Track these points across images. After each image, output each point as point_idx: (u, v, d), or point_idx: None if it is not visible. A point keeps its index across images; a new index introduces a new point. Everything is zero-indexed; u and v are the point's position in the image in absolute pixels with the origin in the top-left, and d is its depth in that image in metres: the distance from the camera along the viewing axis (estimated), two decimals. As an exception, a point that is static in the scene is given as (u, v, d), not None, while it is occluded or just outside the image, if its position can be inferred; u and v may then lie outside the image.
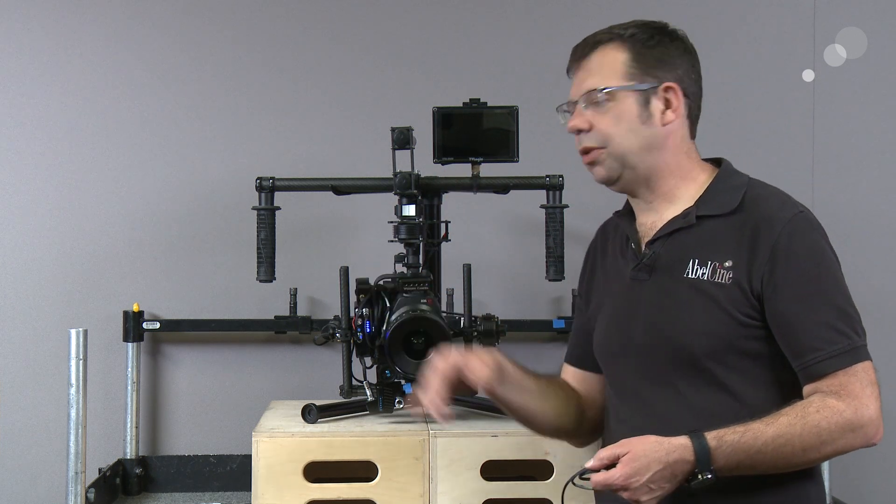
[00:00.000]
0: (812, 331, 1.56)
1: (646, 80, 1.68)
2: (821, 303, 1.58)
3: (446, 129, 2.35)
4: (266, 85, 2.81)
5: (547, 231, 2.42)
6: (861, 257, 2.85)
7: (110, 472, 2.53)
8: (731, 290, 1.59)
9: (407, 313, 2.12)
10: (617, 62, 1.68)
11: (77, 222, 2.75)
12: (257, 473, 2.08)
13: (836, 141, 2.89)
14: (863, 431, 1.53)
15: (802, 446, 1.51)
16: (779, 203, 1.64)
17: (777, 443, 1.51)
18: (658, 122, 1.68)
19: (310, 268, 2.77)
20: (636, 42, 1.70)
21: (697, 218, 1.66)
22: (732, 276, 1.60)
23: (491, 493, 2.11)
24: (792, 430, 1.51)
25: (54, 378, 2.68)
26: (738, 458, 1.51)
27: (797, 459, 1.53)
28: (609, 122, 1.67)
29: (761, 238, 1.59)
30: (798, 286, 1.57)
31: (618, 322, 1.72)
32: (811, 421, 1.51)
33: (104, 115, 2.77)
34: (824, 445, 1.52)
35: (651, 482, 1.50)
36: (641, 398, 1.68)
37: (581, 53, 1.72)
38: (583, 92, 1.69)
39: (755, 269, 1.58)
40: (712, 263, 1.62)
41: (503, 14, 2.86)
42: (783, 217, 1.60)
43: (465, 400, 2.29)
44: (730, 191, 1.68)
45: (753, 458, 1.51)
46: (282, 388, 2.75)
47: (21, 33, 2.76)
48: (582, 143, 1.71)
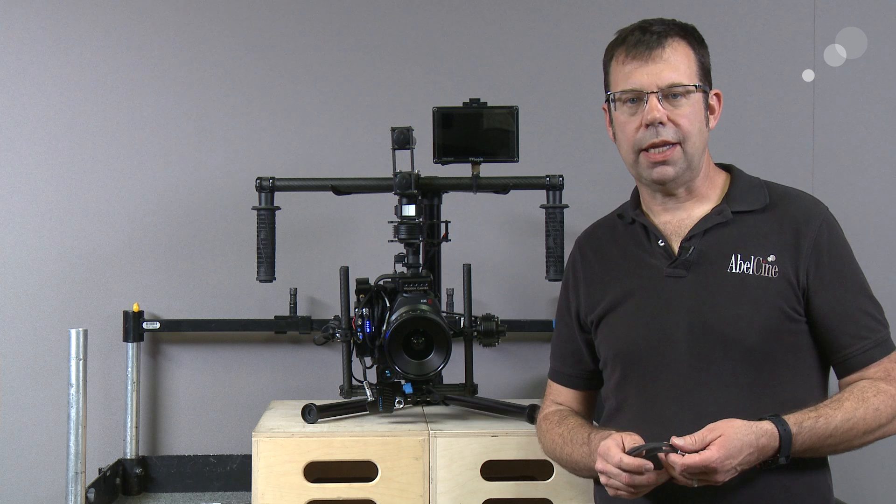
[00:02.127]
0: (858, 321, 1.62)
1: (706, 83, 1.69)
2: (860, 293, 1.65)
3: (446, 129, 2.35)
4: (266, 85, 2.81)
5: (547, 231, 2.42)
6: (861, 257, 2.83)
7: (110, 472, 2.53)
8: (779, 284, 1.62)
9: (407, 313, 2.12)
10: (691, 59, 1.68)
11: (77, 222, 2.75)
12: (257, 473, 2.08)
13: (836, 141, 2.89)
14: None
15: (865, 428, 1.56)
16: (809, 199, 1.72)
17: (845, 426, 1.55)
18: (709, 126, 1.73)
19: (310, 268, 2.77)
20: (694, 41, 1.70)
21: (733, 214, 1.68)
22: (778, 271, 1.62)
23: (491, 493, 2.11)
24: (856, 414, 1.55)
25: (54, 378, 2.68)
26: (811, 443, 1.55)
27: (858, 442, 1.57)
28: (688, 120, 1.66)
29: (802, 233, 1.65)
30: (842, 278, 1.64)
31: (650, 319, 1.71)
32: (871, 404, 1.56)
33: (104, 115, 2.77)
34: (881, 427, 1.57)
35: (740, 465, 1.52)
36: (681, 393, 1.66)
37: (654, 43, 1.67)
38: (664, 84, 1.66)
39: (801, 264, 1.63)
40: (756, 258, 1.64)
41: (503, 14, 2.86)
42: (818, 213, 1.68)
43: (465, 400, 2.30)
44: (754, 188, 1.73)
45: (825, 441, 1.55)
46: (282, 388, 2.75)
47: (21, 33, 2.76)
48: (660, 135, 1.66)
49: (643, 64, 1.67)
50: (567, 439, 1.76)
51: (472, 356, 2.34)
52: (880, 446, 2.86)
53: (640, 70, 1.67)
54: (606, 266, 1.81)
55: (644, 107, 1.66)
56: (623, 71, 1.70)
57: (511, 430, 2.13)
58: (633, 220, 1.79)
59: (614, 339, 1.76)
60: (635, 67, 1.68)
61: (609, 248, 1.82)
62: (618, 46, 1.72)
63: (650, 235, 1.74)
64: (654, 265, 1.72)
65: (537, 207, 2.45)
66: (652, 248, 1.74)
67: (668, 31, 1.69)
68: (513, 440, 2.13)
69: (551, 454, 1.85)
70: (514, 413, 2.24)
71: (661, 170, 1.68)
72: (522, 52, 2.84)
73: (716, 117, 1.73)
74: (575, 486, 2.11)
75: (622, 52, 1.70)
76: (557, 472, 2.12)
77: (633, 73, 1.68)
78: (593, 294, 1.81)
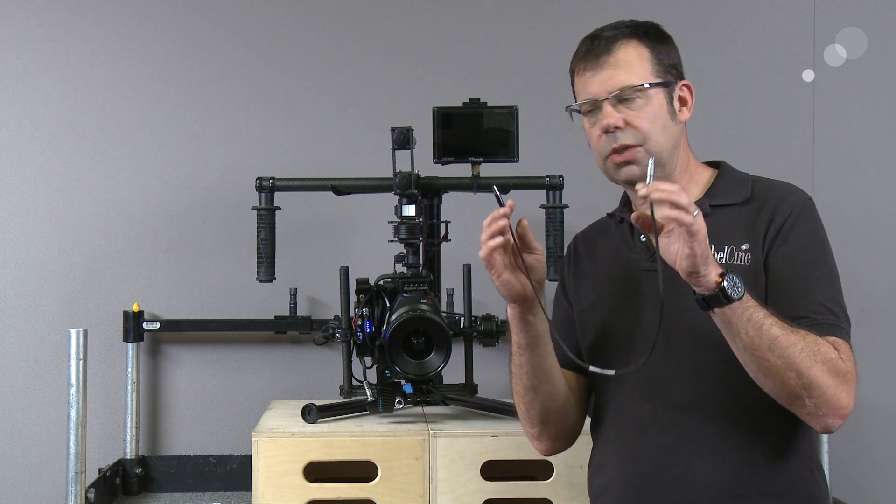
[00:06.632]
0: (810, 296, 1.57)
1: (668, 77, 1.68)
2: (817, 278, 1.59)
3: (446, 129, 2.35)
4: (266, 85, 2.81)
5: (547, 231, 2.42)
6: (861, 257, 2.85)
7: (110, 472, 2.53)
8: (749, 272, 1.60)
9: (407, 313, 2.12)
10: (644, 59, 1.68)
11: (77, 222, 2.75)
12: (257, 473, 2.08)
13: (836, 141, 2.89)
14: (840, 391, 1.51)
15: (801, 353, 1.48)
16: (790, 188, 1.69)
17: (781, 324, 1.49)
18: (679, 120, 1.70)
19: (310, 268, 2.77)
20: (651, 39, 1.70)
21: (711, 207, 1.68)
22: (751, 258, 1.61)
23: (491, 493, 2.11)
24: (798, 331, 1.50)
25: (54, 378, 2.68)
26: (756, 316, 1.48)
27: (789, 362, 1.48)
28: (645, 120, 1.66)
29: (774, 219, 1.63)
30: (800, 254, 1.59)
31: (626, 313, 1.72)
32: (820, 348, 1.50)
33: (104, 114, 2.77)
34: (813, 369, 1.48)
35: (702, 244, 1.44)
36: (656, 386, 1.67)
37: (601, 50, 1.68)
38: (614, 89, 1.66)
39: (766, 243, 1.61)
40: (729, 248, 1.64)
41: (503, 14, 2.86)
42: (795, 200, 1.65)
43: (465, 400, 2.30)
44: (738, 183, 1.71)
45: (766, 330, 1.48)
46: (282, 388, 2.75)
47: (21, 33, 2.76)
48: (618, 140, 1.66)
49: (594, 72, 1.69)
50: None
51: (472, 356, 2.34)
52: (880, 446, 2.88)
53: (592, 79, 1.69)
54: (593, 263, 1.82)
55: (601, 114, 1.68)
56: (580, 82, 1.73)
57: (511, 430, 2.13)
58: (621, 218, 1.81)
59: (591, 334, 1.78)
60: (588, 77, 1.70)
61: (600, 246, 1.83)
62: (575, 58, 1.75)
63: (634, 232, 1.76)
64: (635, 260, 1.74)
65: (537, 207, 2.45)
66: (634, 243, 1.76)
67: (617, 35, 1.69)
68: (513, 440, 2.13)
69: (515, 395, 1.80)
70: (514, 413, 2.22)
71: (627, 170, 1.69)
72: (522, 52, 2.84)
73: (689, 109, 1.70)
74: (575, 486, 2.11)
75: (578, 63, 1.74)
76: (557, 472, 2.12)
77: (587, 83, 1.70)
78: (579, 289, 1.83)
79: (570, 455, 2.09)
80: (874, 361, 2.85)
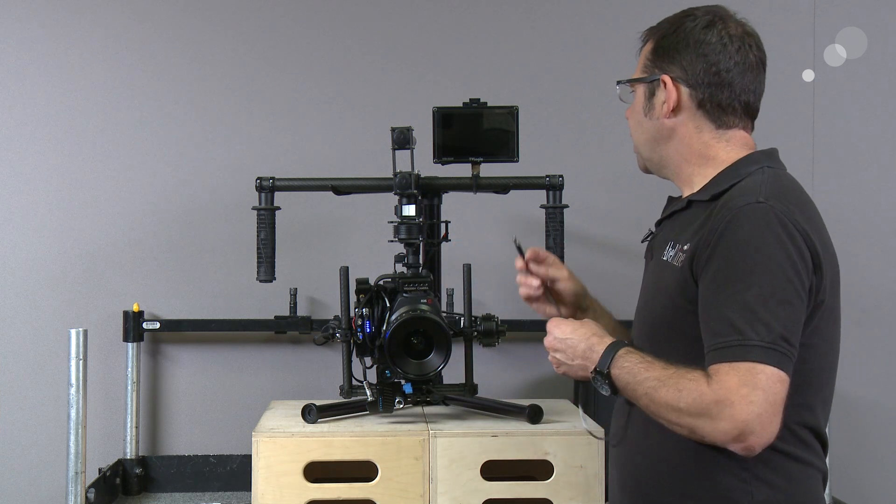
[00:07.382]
0: (714, 320, 1.52)
1: (653, 73, 1.68)
2: (728, 295, 1.51)
3: (446, 129, 2.35)
4: (266, 85, 2.81)
5: (547, 231, 2.42)
6: (861, 257, 2.85)
7: (110, 472, 2.53)
8: (679, 273, 1.59)
9: (407, 313, 2.12)
10: (643, 56, 1.73)
11: (77, 222, 2.75)
12: (257, 473, 2.08)
13: (836, 141, 2.89)
14: (716, 424, 1.46)
15: (666, 400, 1.51)
16: (742, 192, 1.58)
17: (650, 384, 1.53)
18: (660, 115, 1.68)
19: (310, 268, 2.77)
20: (658, 34, 1.71)
21: (688, 202, 1.67)
22: (683, 259, 1.59)
23: (491, 493, 2.11)
24: (667, 382, 1.52)
25: (54, 378, 2.68)
26: (626, 379, 1.57)
27: (656, 408, 1.53)
28: (630, 116, 1.74)
29: (711, 223, 1.56)
30: (718, 274, 1.53)
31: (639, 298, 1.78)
32: (681, 384, 1.50)
33: (104, 115, 2.77)
34: (676, 411, 1.50)
35: (564, 352, 1.68)
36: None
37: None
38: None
39: (698, 254, 1.56)
40: (678, 246, 1.62)
41: (503, 14, 2.86)
42: (735, 205, 1.55)
43: (465, 400, 2.30)
44: (728, 178, 1.64)
45: (634, 386, 1.56)
46: (282, 388, 2.75)
47: (21, 33, 2.76)
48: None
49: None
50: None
51: (472, 356, 2.34)
52: (880, 446, 2.88)
53: None
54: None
55: None
56: None
57: (511, 430, 2.13)
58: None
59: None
60: None
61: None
62: None
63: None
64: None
65: (537, 207, 2.45)
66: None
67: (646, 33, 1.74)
68: (513, 440, 2.13)
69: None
70: (514, 413, 2.24)
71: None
72: (522, 52, 2.84)
73: (668, 103, 1.67)
74: (575, 486, 2.11)
75: None
76: (557, 473, 2.12)
77: None
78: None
79: (571, 455, 2.10)
80: (874, 361, 2.85)
